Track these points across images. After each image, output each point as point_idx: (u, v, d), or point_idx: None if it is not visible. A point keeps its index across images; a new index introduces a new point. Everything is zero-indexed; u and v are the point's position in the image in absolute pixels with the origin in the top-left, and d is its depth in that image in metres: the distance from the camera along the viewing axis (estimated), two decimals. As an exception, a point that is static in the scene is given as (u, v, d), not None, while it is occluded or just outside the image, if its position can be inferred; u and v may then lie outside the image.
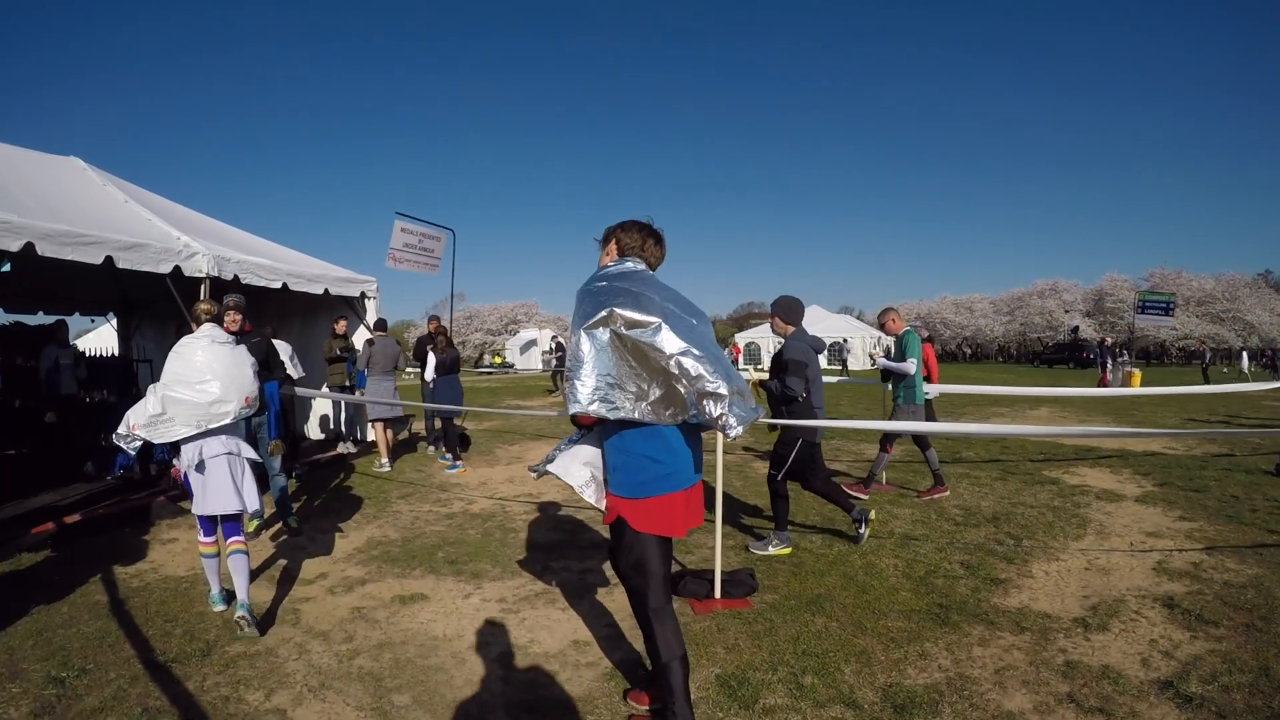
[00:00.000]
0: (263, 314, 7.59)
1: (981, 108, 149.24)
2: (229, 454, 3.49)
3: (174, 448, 3.58)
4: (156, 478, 7.11)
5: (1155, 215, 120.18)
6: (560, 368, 24.83)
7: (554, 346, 28.49)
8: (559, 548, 4.83)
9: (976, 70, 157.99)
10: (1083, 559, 4.33)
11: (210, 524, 3.63)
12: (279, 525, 5.41)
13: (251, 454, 3.67)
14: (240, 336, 4.78)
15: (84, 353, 9.14)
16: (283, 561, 4.66)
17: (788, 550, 4.49)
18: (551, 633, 3.42)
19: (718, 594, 3.62)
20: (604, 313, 2.14)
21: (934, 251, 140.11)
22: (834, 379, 9.77)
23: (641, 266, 2.39)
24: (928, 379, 6.35)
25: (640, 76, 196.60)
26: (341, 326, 8.64)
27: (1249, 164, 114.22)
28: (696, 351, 2.15)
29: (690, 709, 2.29)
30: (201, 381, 3.40)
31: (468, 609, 3.79)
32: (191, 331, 3.69)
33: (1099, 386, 19.36)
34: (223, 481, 3.44)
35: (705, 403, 2.14)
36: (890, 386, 6.08)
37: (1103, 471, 7.09)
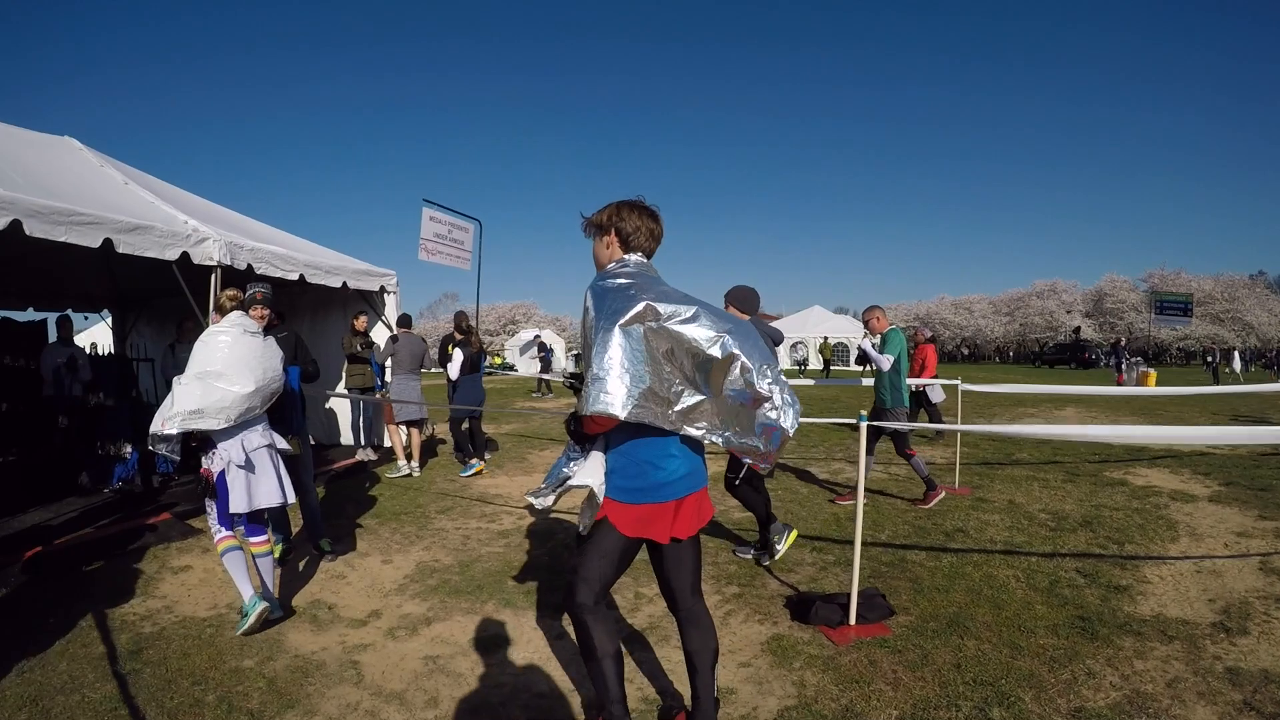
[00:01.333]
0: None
1: (979, 109, 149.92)
2: (269, 446, 3.40)
3: (191, 451, 3.42)
4: (159, 490, 6.35)
5: (1155, 216, 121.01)
6: (546, 371, 24.11)
7: (539, 346, 27.62)
8: (645, 570, 4.13)
9: (973, 71, 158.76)
10: (1189, 562, 4.20)
11: (230, 521, 3.39)
12: (306, 549, 4.67)
13: (285, 445, 3.58)
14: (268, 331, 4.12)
15: (89, 352, 8.32)
16: (323, 596, 3.93)
17: (794, 535, 4.29)
18: (681, 678, 2.73)
19: (852, 619, 3.25)
20: (639, 307, 2.00)
21: (933, 252, 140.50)
22: (809, 381, 9.42)
23: (648, 262, 2.25)
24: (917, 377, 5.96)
25: (632, 77, 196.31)
26: (362, 323, 7.91)
27: (1246, 165, 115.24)
28: (738, 339, 2.05)
29: (627, 710, 2.19)
30: (235, 374, 3.24)
31: (566, 653, 3.11)
32: (203, 328, 3.54)
33: (1115, 387, 18.94)
34: (267, 474, 3.36)
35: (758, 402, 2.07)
36: (875, 389, 5.86)
37: (1163, 472, 6.87)
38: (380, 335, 8.50)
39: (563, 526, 5.29)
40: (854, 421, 3.96)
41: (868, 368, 5.81)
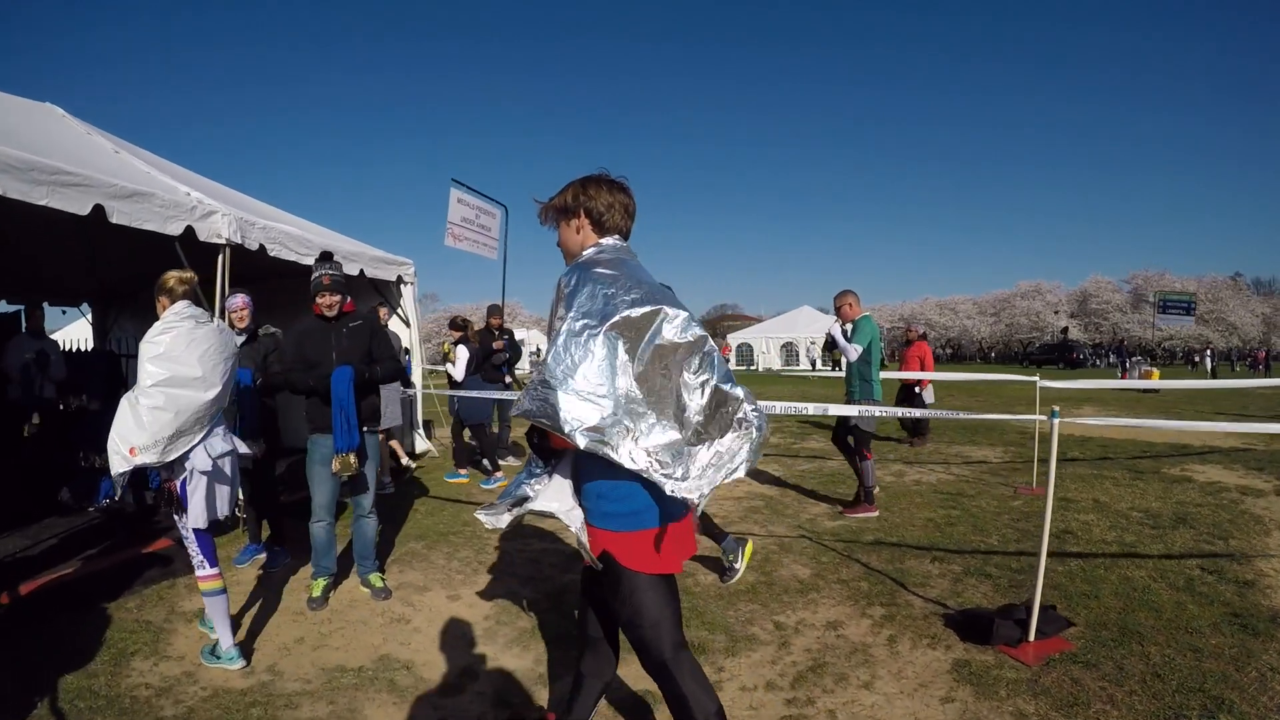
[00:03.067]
0: (273, 302, 5.92)
1: (965, 110, 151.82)
2: (232, 451, 2.98)
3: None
4: (154, 508, 5.42)
5: (1136, 218, 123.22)
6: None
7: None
8: (772, 593, 3.57)
9: (959, 73, 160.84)
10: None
11: (212, 546, 2.91)
12: (349, 584, 3.82)
13: (244, 447, 3.15)
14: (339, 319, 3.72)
15: (62, 346, 7.30)
16: (393, 651, 3.07)
17: (750, 547, 3.91)
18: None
19: (1032, 635, 2.98)
20: (644, 310, 1.69)
21: (917, 253, 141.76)
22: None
23: (626, 245, 1.96)
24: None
25: (623, 77, 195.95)
26: (384, 315, 7.02)
27: (1223, 167, 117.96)
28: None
29: None
30: (203, 376, 2.76)
31: (747, 710, 2.44)
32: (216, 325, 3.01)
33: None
34: (226, 483, 2.96)
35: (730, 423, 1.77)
36: (845, 380, 5.55)
37: (1216, 468, 6.86)
38: (398, 331, 7.64)
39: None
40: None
41: (822, 362, 5.35)
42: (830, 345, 5.58)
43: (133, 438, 2.62)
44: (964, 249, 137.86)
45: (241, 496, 4.76)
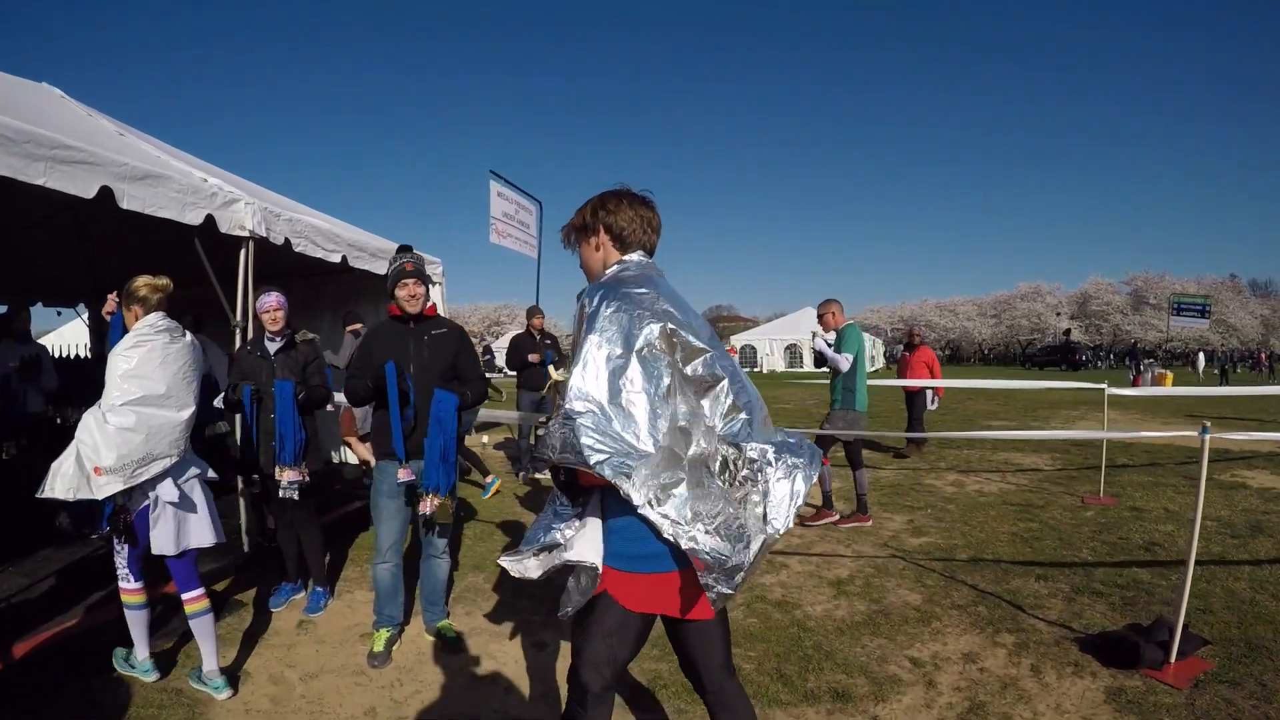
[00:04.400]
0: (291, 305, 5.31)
1: (963, 111, 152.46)
2: (199, 475, 2.80)
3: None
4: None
5: (1135, 220, 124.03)
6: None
7: (483, 349, 26.07)
8: (892, 624, 3.34)
9: (959, 74, 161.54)
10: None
11: (141, 565, 2.74)
12: (410, 631, 3.21)
13: (211, 472, 2.89)
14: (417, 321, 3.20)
15: (53, 351, 6.63)
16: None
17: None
18: None
19: (1173, 656, 2.90)
20: (659, 327, 1.59)
21: (914, 254, 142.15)
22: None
23: (650, 261, 1.81)
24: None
25: (617, 77, 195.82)
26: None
27: (1224, 169, 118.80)
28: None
29: None
30: (177, 395, 2.63)
31: None
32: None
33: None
34: (198, 509, 2.74)
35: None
36: (830, 389, 5.43)
37: (1264, 473, 6.93)
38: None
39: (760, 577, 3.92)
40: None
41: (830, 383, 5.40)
42: (820, 360, 5.45)
43: (99, 457, 2.46)
44: (963, 250, 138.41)
45: (272, 525, 4.15)
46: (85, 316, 8.49)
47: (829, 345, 5.33)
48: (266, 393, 3.62)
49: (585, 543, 1.71)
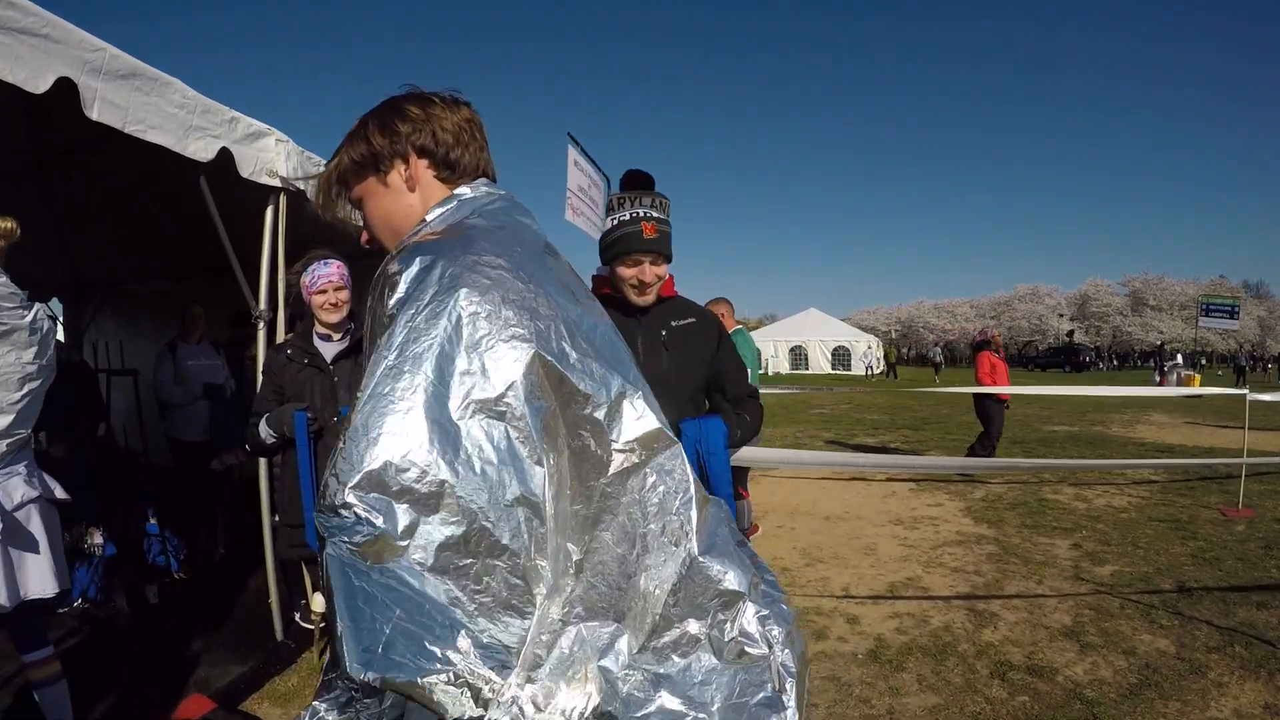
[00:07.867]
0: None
1: (961, 113, 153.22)
2: (39, 498, 2.02)
3: None
4: (164, 609, 3.49)
5: (1130, 222, 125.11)
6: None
7: None
8: (1164, 680, 2.91)
9: (958, 76, 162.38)
10: None
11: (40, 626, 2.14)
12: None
13: (62, 494, 2.12)
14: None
15: None
16: None
17: None
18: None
19: None
20: (530, 356, 0.81)
21: (911, 255, 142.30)
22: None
23: (508, 194, 1.05)
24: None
25: (615, 79, 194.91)
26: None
27: (1220, 171, 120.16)
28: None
29: None
30: None
31: None
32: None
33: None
34: (37, 545, 1.98)
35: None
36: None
37: None
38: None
39: (858, 617, 2.75)
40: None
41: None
42: None
43: None
44: (960, 251, 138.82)
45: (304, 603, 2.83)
46: (60, 315, 7.03)
47: None
48: (327, 423, 2.33)
49: None
